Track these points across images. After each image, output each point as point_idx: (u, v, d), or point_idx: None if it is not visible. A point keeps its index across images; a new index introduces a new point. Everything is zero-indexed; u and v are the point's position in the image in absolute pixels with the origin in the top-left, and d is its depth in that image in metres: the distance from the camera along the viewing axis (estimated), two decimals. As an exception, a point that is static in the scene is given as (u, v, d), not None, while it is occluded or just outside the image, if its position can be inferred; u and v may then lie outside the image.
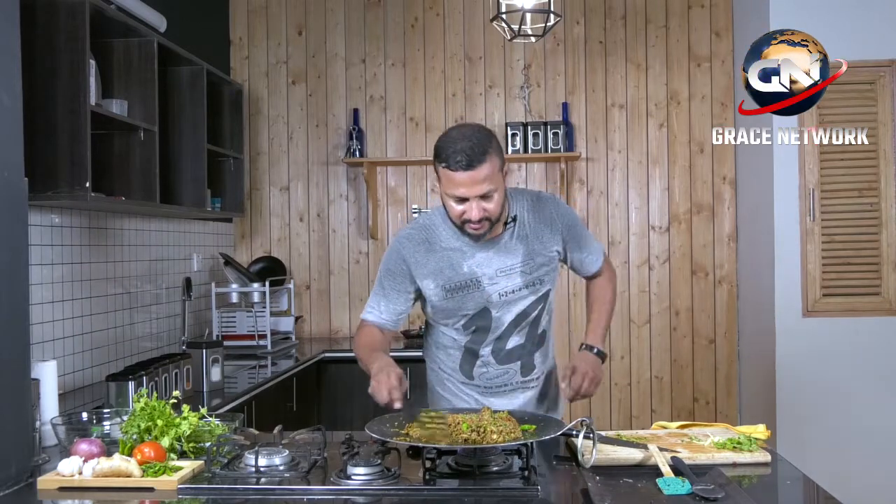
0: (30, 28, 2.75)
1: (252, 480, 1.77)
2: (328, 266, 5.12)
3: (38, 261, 2.98)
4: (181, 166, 3.80)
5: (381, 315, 2.34)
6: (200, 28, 4.67)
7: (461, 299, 2.27)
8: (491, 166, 2.10)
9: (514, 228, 2.29)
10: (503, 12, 3.54)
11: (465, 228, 2.18)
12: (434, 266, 2.28)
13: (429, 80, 5.05)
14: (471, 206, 2.12)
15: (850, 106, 4.26)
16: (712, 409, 4.92)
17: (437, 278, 2.28)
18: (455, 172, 2.08)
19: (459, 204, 2.14)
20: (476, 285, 2.26)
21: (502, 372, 2.36)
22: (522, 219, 2.30)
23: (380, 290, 2.35)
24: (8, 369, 1.85)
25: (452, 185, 2.11)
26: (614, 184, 5.01)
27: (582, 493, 1.70)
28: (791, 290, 4.28)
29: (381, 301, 2.34)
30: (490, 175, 2.10)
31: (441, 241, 2.29)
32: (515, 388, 2.40)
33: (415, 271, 2.29)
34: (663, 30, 4.98)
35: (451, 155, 2.08)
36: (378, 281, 2.36)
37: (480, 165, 2.07)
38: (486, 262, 2.27)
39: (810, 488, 1.81)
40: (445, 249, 2.28)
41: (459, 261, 2.27)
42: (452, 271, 2.27)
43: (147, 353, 3.73)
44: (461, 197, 2.12)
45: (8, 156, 1.90)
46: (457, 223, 2.20)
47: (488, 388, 2.39)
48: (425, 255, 2.29)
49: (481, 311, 2.29)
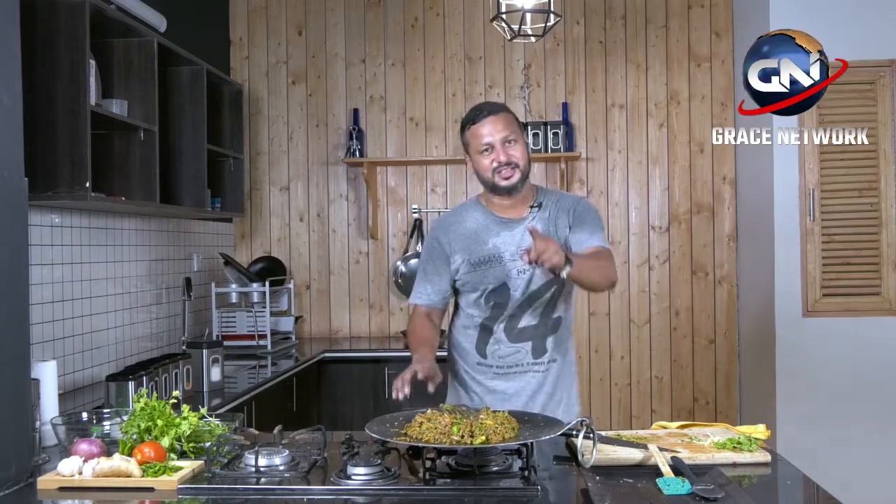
0: (30, 28, 2.75)
1: (252, 480, 1.77)
2: (328, 266, 5.12)
3: (38, 261, 2.98)
4: (181, 166, 3.80)
5: (430, 297, 2.55)
6: (200, 28, 4.67)
7: (483, 272, 2.45)
8: (510, 120, 2.41)
9: (537, 212, 2.47)
10: (503, 12, 3.54)
11: (497, 181, 2.39)
12: (463, 242, 2.49)
13: (429, 80, 5.05)
14: (497, 151, 2.37)
15: (850, 106, 4.26)
16: (712, 409, 4.92)
17: (465, 252, 2.48)
18: (479, 123, 2.38)
19: (488, 155, 2.38)
20: (498, 260, 2.43)
21: (514, 350, 2.48)
22: (547, 206, 2.49)
23: (423, 276, 2.57)
24: (8, 369, 1.85)
25: (479, 137, 2.39)
26: (614, 184, 5.01)
27: (582, 493, 1.71)
28: (791, 290, 4.28)
29: (427, 285, 2.56)
30: (510, 124, 2.40)
31: (470, 221, 2.50)
32: (526, 370, 2.49)
33: (448, 248, 2.50)
34: (663, 30, 4.98)
35: (475, 112, 2.42)
36: (420, 268, 2.60)
37: (500, 114, 2.40)
38: (510, 239, 2.44)
39: (810, 488, 1.81)
40: (474, 227, 2.49)
41: (485, 237, 2.46)
42: (478, 246, 2.46)
43: (147, 353, 3.73)
44: (488, 144, 2.37)
45: (8, 156, 1.90)
46: (489, 179, 2.40)
47: (500, 367, 2.49)
48: (456, 232, 2.51)
49: (500, 287, 2.44)
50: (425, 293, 2.56)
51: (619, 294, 4.98)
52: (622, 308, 4.98)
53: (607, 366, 4.99)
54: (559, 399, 2.54)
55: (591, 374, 5.00)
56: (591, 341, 5.00)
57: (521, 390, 2.50)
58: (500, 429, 1.77)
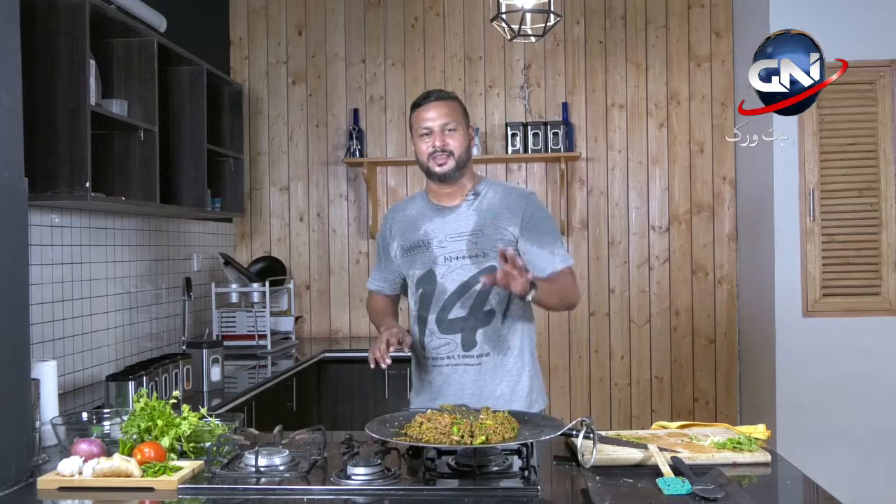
0: (30, 28, 2.75)
1: (252, 480, 1.77)
2: (328, 266, 5.12)
3: (38, 261, 2.98)
4: (181, 166, 3.80)
5: (379, 283, 2.62)
6: (200, 28, 4.67)
7: (412, 258, 2.46)
8: (454, 107, 2.42)
9: (473, 201, 2.45)
10: (503, 12, 3.54)
11: (431, 166, 2.39)
12: (401, 227, 2.51)
13: (429, 80, 5.05)
14: (435, 136, 2.38)
15: (850, 106, 4.26)
16: (712, 409, 4.92)
17: (401, 238, 2.50)
18: (422, 107, 2.40)
19: (426, 139, 2.39)
20: (426, 246, 2.43)
21: (444, 342, 2.41)
22: (485, 196, 2.46)
23: (377, 262, 2.64)
24: (8, 369, 1.85)
25: (420, 121, 2.40)
26: (614, 184, 5.01)
27: (582, 493, 1.71)
28: (791, 290, 4.28)
29: (377, 272, 2.63)
30: (453, 112, 2.40)
31: (412, 208, 2.53)
32: (457, 363, 2.41)
33: (389, 235, 2.54)
34: (663, 30, 4.98)
35: (422, 97, 2.43)
36: (376, 255, 2.64)
37: (445, 101, 2.41)
38: (441, 226, 2.44)
39: (810, 488, 1.81)
40: (412, 214, 2.51)
41: (419, 223, 2.47)
42: (412, 232, 2.48)
43: (147, 353, 3.73)
44: (427, 128, 2.38)
45: (8, 156, 1.90)
46: (425, 164, 2.41)
47: (436, 358, 2.43)
48: (397, 219, 2.54)
49: (427, 274, 2.43)
50: (374, 280, 2.64)
51: (619, 294, 4.98)
52: (622, 308, 4.98)
53: (607, 366, 4.99)
54: (498, 395, 2.38)
55: (591, 374, 5.00)
56: (591, 341, 5.00)
57: (447, 384, 2.40)
58: (500, 429, 1.76)
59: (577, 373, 4.99)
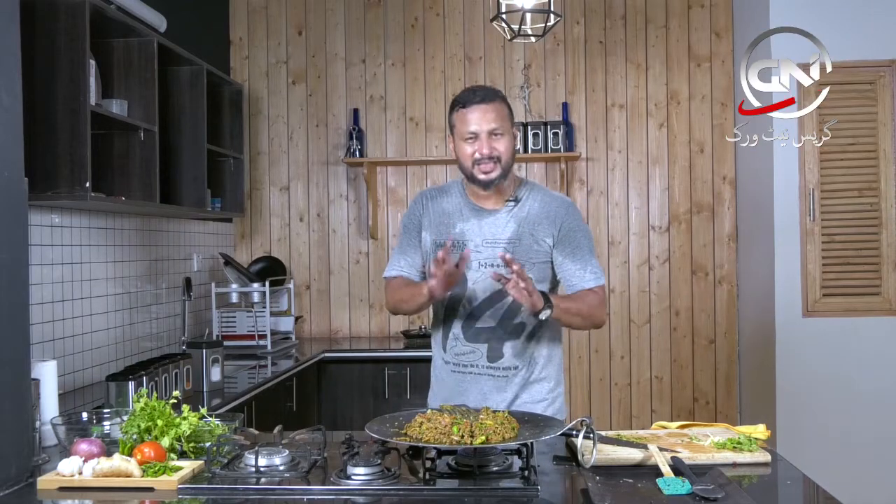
0: (30, 28, 2.75)
1: (252, 480, 1.77)
2: (328, 266, 5.12)
3: (38, 261, 2.98)
4: (181, 166, 3.80)
5: (403, 269, 2.43)
6: (200, 28, 4.67)
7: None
8: (501, 109, 2.29)
9: (513, 207, 2.36)
10: (503, 12, 3.54)
11: (476, 173, 2.28)
12: (436, 219, 2.40)
13: (429, 80, 5.05)
14: (482, 142, 2.25)
15: (850, 106, 4.26)
16: (712, 409, 4.92)
17: (434, 232, 2.39)
18: (468, 108, 2.27)
19: (472, 144, 2.27)
20: (461, 248, 2.33)
21: (469, 350, 2.36)
22: (525, 203, 2.37)
23: (398, 249, 2.47)
24: (8, 369, 1.85)
25: (465, 123, 2.28)
26: (614, 184, 5.01)
27: (582, 493, 1.70)
28: (791, 290, 4.28)
29: (401, 258, 2.45)
30: (500, 116, 2.27)
31: (447, 201, 2.41)
32: (481, 373, 2.35)
33: (423, 222, 2.42)
34: (663, 30, 4.98)
35: (467, 95, 2.30)
36: (398, 241, 2.49)
37: (492, 102, 2.27)
38: (478, 228, 2.35)
39: (810, 488, 1.81)
40: (448, 208, 2.40)
41: (455, 221, 2.37)
42: (446, 228, 2.37)
43: (147, 353, 3.73)
44: (473, 132, 2.26)
45: (8, 156, 1.90)
46: (468, 169, 2.29)
47: (457, 364, 2.38)
48: (432, 209, 2.42)
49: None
50: (398, 266, 2.43)
51: (619, 294, 4.98)
52: (622, 308, 4.98)
53: (607, 366, 4.99)
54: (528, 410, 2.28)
55: (591, 374, 5.00)
56: (591, 341, 5.00)
57: (466, 393, 2.35)
58: (500, 429, 1.76)
59: (577, 373, 4.99)
